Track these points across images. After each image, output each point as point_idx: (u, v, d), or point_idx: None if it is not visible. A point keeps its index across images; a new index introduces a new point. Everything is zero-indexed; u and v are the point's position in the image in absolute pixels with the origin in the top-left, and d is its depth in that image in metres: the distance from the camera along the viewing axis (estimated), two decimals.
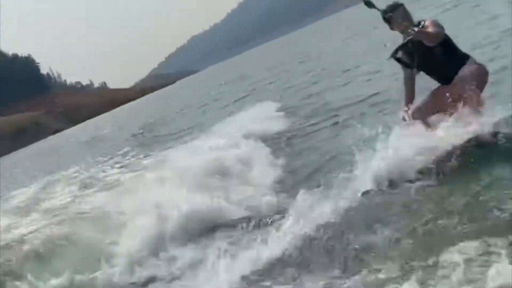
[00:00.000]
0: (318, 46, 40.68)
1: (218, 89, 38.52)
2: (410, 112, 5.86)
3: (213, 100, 29.15)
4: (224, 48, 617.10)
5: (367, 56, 19.06)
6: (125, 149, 16.56)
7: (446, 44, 5.63)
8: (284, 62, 38.33)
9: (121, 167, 12.72)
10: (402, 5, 5.73)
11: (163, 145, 15.05)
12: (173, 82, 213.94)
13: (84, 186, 9.97)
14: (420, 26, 5.50)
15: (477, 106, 5.44)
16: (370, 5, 5.59)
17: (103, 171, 12.43)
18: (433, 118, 5.73)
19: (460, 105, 5.46)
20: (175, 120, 25.96)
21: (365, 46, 23.84)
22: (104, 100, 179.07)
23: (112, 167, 13.06)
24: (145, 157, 13.26)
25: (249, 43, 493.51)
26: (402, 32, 5.63)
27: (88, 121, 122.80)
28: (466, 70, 5.57)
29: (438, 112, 5.66)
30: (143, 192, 7.84)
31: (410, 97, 6.06)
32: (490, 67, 6.37)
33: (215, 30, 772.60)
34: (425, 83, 5.98)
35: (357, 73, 16.54)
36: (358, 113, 10.03)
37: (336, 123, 10.18)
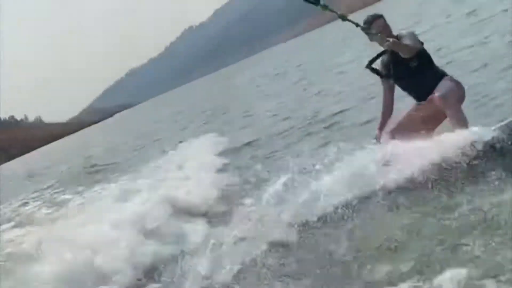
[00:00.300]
0: (245, 83, 42.32)
1: (140, 128, 39.48)
2: (387, 131, 5.87)
3: (135, 138, 30.03)
4: (163, 81, 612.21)
5: (278, 97, 20.62)
6: (50, 184, 16.79)
7: (423, 58, 5.64)
8: (209, 100, 39.14)
9: (43, 202, 12.74)
10: (381, 16, 5.78)
11: (91, 182, 14.06)
12: (110, 115, 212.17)
13: (4, 221, 9.63)
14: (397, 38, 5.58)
15: (463, 122, 5.38)
16: (344, 18, 5.66)
17: (26, 207, 12.06)
18: (412, 137, 5.39)
19: (440, 122, 5.63)
20: (106, 156, 25.67)
21: (281, 84, 25.55)
22: (39, 134, 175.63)
23: (35, 203, 12.99)
24: (65, 193, 12.75)
25: (187, 76, 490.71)
26: (380, 43, 5.63)
27: (22, 157, 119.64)
28: (445, 86, 5.51)
29: (416, 130, 5.42)
30: (58, 230, 7.46)
31: (388, 111, 6.11)
32: None
33: (153, 63, 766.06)
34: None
35: (259, 114, 17.80)
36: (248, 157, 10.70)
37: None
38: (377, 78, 6.02)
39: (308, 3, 5.47)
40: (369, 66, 5.91)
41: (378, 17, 5.73)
